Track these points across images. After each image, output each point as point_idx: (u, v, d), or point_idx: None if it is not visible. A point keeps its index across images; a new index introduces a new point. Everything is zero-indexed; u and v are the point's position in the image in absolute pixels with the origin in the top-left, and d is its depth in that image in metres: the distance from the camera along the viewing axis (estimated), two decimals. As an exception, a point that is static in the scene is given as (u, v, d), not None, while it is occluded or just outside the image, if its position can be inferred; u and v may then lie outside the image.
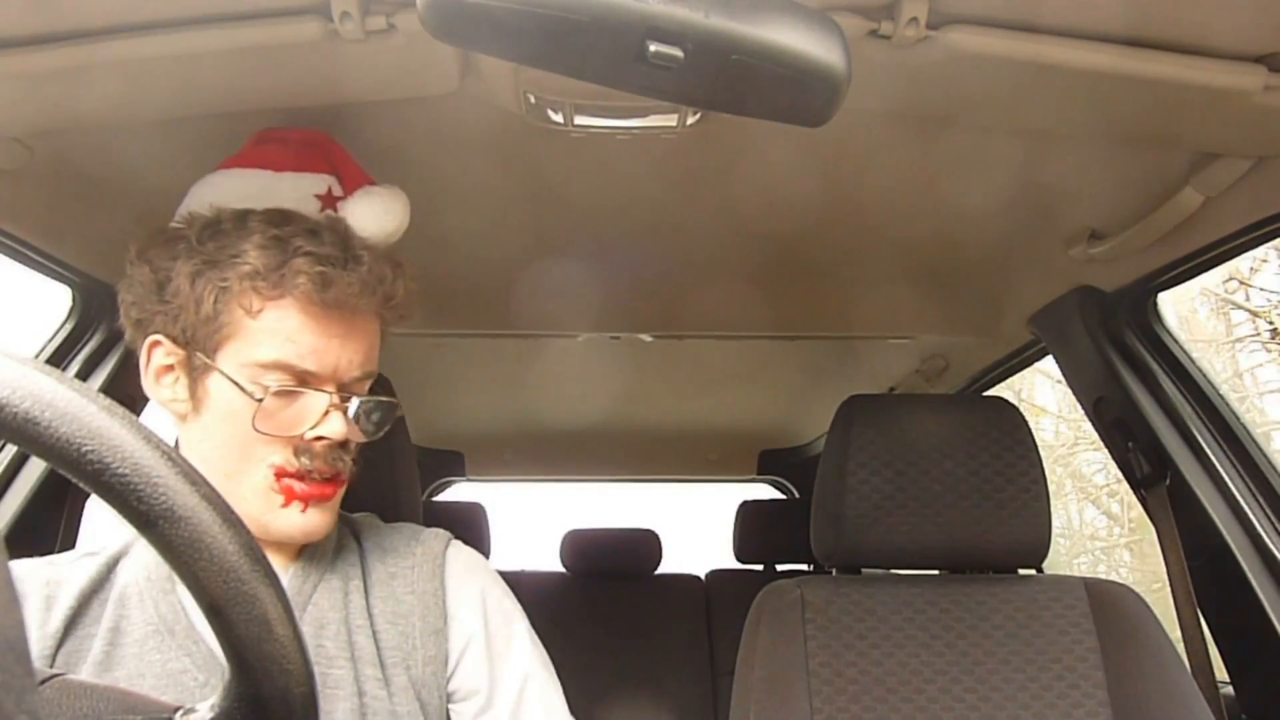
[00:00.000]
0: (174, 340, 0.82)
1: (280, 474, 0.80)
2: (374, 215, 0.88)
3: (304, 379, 0.80)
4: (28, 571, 0.83)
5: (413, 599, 0.86)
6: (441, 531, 0.94)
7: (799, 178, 1.21)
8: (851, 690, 1.19)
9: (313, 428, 0.81)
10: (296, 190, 0.88)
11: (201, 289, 0.79)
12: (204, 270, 0.79)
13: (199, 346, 0.80)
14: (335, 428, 0.80)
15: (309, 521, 0.82)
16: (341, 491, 0.86)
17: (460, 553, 0.93)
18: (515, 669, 0.88)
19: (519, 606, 0.94)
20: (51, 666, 0.78)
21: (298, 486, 0.81)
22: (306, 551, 0.88)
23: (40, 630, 0.79)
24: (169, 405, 0.84)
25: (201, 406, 0.82)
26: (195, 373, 0.81)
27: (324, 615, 0.84)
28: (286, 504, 0.81)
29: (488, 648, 0.88)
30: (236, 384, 0.79)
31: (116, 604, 0.82)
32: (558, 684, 0.91)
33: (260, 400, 0.78)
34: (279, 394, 0.79)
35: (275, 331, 0.79)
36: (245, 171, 0.90)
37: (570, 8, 0.61)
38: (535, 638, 0.93)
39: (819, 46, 0.65)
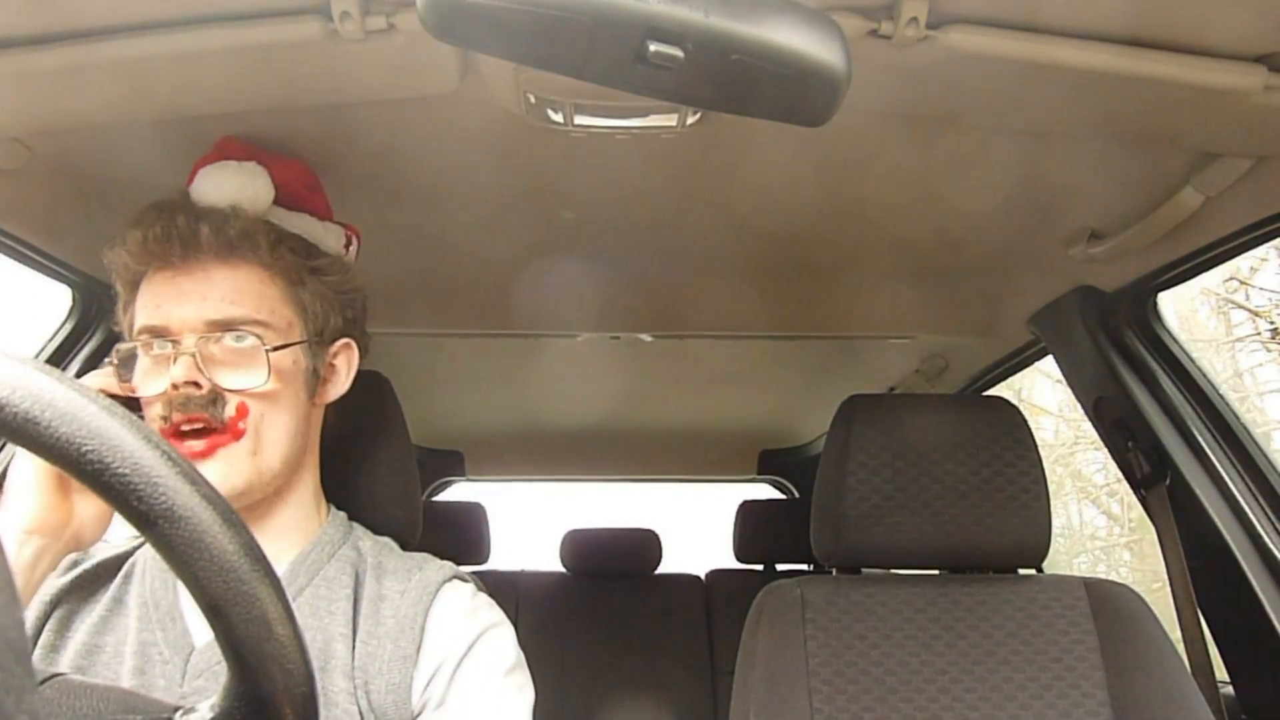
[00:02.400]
0: None
1: (164, 434, 0.82)
2: (200, 186, 0.92)
3: (158, 335, 0.84)
4: None
5: (392, 622, 0.84)
6: (449, 565, 0.91)
7: (799, 178, 1.21)
8: (851, 690, 1.19)
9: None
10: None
11: (116, 282, 0.89)
12: (113, 265, 0.89)
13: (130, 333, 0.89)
14: (177, 372, 0.81)
15: None
16: (239, 449, 0.83)
17: (459, 590, 0.89)
18: (479, 689, 0.83)
19: (514, 651, 0.88)
20: (50, 618, 0.83)
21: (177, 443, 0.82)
22: (299, 555, 0.88)
23: (52, 579, 0.84)
24: None
25: None
26: None
27: (301, 622, 0.82)
28: None
29: (456, 669, 0.83)
30: None
31: (125, 577, 0.87)
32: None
33: (109, 363, 0.85)
34: (146, 352, 0.84)
35: (140, 303, 0.87)
36: None
37: (570, 8, 0.61)
38: (522, 685, 0.86)
39: (819, 46, 0.65)
